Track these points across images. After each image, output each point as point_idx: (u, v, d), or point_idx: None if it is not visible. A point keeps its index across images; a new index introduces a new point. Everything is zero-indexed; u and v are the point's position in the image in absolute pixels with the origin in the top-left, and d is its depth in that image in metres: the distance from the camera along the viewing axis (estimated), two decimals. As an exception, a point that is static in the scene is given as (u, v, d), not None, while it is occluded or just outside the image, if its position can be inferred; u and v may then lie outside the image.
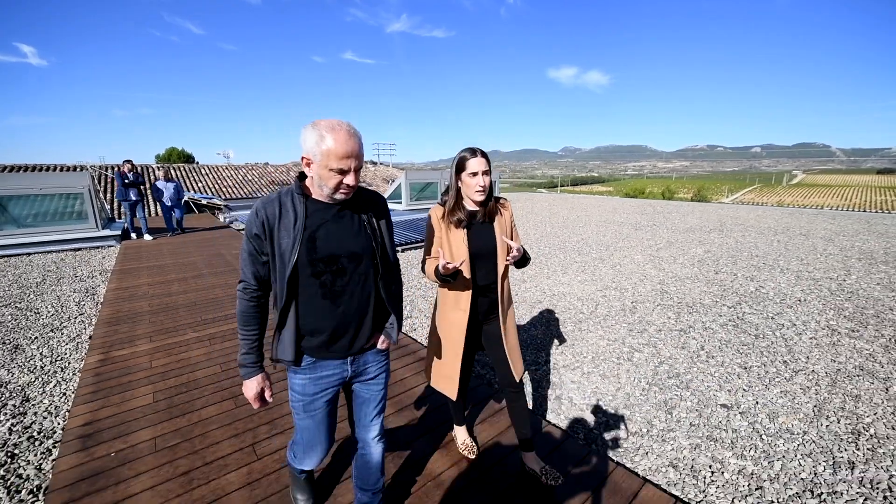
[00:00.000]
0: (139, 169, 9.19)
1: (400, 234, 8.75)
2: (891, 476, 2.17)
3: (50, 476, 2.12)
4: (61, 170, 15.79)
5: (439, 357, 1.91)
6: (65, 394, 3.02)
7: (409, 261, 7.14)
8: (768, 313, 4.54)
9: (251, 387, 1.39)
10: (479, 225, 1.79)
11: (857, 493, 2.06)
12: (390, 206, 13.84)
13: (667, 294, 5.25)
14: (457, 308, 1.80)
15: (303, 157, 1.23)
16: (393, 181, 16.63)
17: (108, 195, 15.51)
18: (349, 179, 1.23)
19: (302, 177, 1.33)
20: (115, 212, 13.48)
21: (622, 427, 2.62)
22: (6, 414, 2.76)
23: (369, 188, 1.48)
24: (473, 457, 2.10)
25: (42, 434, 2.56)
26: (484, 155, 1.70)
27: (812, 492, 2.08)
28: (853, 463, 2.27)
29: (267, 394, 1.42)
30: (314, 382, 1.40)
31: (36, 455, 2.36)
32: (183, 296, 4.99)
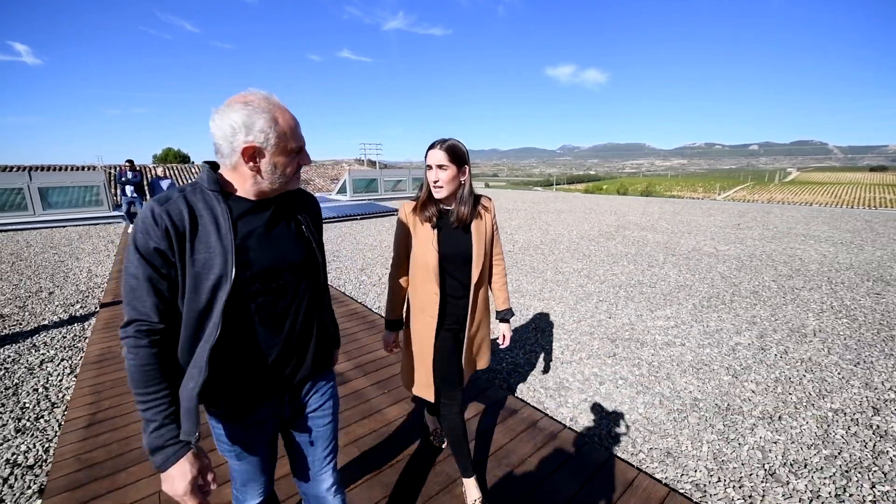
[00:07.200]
0: (138, 168, 12.04)
1: (346, 211, 12.67)
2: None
3: (103, 291, 5.60)
4: (82, 169, 19.47)
5: (413, 364, 1.72)
6: (108, 269, 6.54)
7: (362, 227, 10.61)
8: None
9: (179, 476, 0.86)
10: (454, 226, 1.58)
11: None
12: (336, 198, 17.21)
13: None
14: (423, 314, 1.61)
15: (246, 149, 0.90)
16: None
17: (112, 189, 19.17)
18: (305, 158, 1.01)
19: (214, 167, 0.98)
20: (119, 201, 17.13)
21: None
22: (83, 273, 6.29)
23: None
24: (438, 445, 2.09)
25: (99, 276, 6.10)
26: (448, 148, 1.47)
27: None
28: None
29: (210, 477, 0.92)
30: (245, 429, 1.06)
31: (99, 287, 5.87)
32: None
